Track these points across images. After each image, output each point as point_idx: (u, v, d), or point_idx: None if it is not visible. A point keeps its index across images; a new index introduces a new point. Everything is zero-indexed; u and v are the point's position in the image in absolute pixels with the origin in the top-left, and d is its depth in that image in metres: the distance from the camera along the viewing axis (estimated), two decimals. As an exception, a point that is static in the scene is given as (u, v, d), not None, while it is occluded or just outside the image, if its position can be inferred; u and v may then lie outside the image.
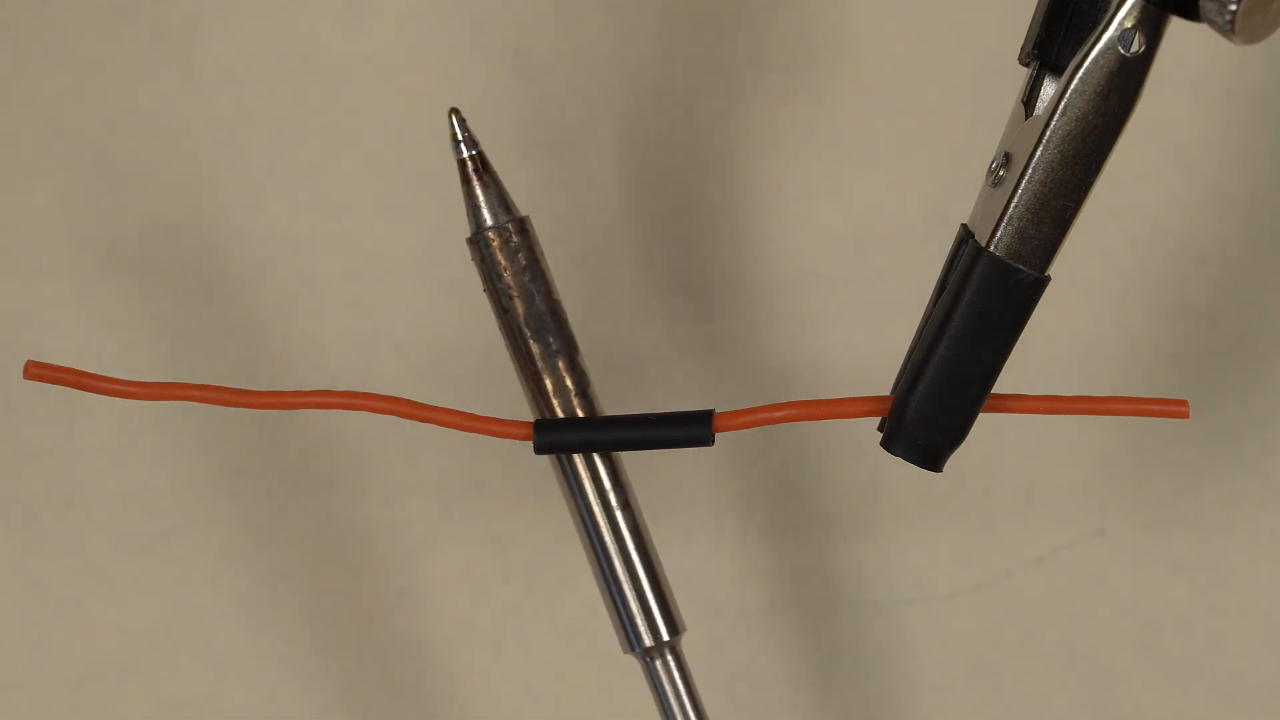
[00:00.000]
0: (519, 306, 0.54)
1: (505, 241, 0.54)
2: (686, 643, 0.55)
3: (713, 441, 0.53)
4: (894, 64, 0.66)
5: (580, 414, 0.54)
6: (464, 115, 0.54)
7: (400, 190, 0.66)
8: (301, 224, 0.66)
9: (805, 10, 0.66)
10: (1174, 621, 0.67)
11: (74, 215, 0.66)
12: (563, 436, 0.54)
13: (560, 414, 0.54)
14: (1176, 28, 0.48)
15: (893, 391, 0.52)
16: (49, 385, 0.53)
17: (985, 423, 0.51)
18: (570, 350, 0.55)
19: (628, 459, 0.55)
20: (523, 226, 0.55)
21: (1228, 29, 0.45)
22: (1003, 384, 0.51)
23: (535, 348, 0.54)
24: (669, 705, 0.55)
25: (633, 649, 0.55)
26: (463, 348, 0.66)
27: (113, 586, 0.67)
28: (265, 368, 0.66)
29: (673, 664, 0.55)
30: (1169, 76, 0.64)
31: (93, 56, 0.66)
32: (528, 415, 0.55)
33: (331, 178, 0.66)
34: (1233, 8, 0.45)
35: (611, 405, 0.57)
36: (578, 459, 0.54)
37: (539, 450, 0.54)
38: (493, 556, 0.67)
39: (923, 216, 0.66)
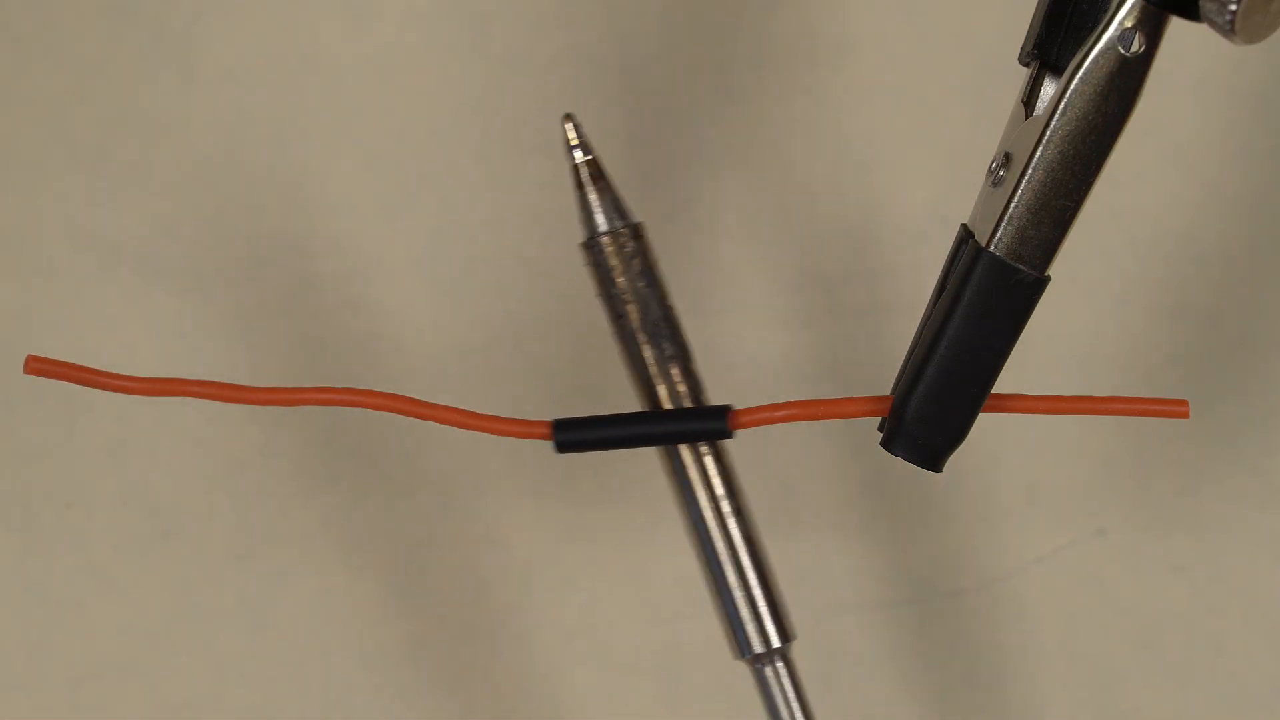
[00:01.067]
0: (633, 312, 0.54)
1: (620, 247, 0.54)
2: (686, 642, 0.55)
3: (733, 434, 0.53)
4: (894, 64, 0.66)
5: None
6: (578, 121, 0.54)
7: (400, 190, 0.66)
8: (301, 224, 0.66)
9: (805, 10, 0.66)
10: (1174, 621, 0.67)
11: (74, 215, 0.66)
12: (583, 434, 0.54)
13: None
14: (1176, 28, 0.48)
15: (893, 391, 0.52)
16: (49, 385, 0.53)
17: (985, 423, 0.51)
18: (684, 357, 0.54)
19: (641, 461, 0.55)
20: (638, 232, 0.54)
21: (1228, 29, 0.45)
22: (1003, 384, 0.51)
23: (649, 353, 0.54)
24: (778, 712, 0.54)
25: (742, 655, 0.54)
26: (463, 348, 0.66)
27: (113, 586, 0.67)
28: (265, 367, 0.66)
29: (783, 670, 0.54)
30: (1169, 76, 0.64)
31: (93, 56, 0.66)
32: (530, 414, 0.55)
33: (331, 178, 0.66)
34: (1233, 8, 0.45)
35: (614, 405, 0.57)
36: (690, 467, 0.54)
37: (561, 449, 0.53)
38: (493, 556, 0.67)
39: (923, 216, 0.66)
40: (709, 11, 0.66)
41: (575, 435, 0.53)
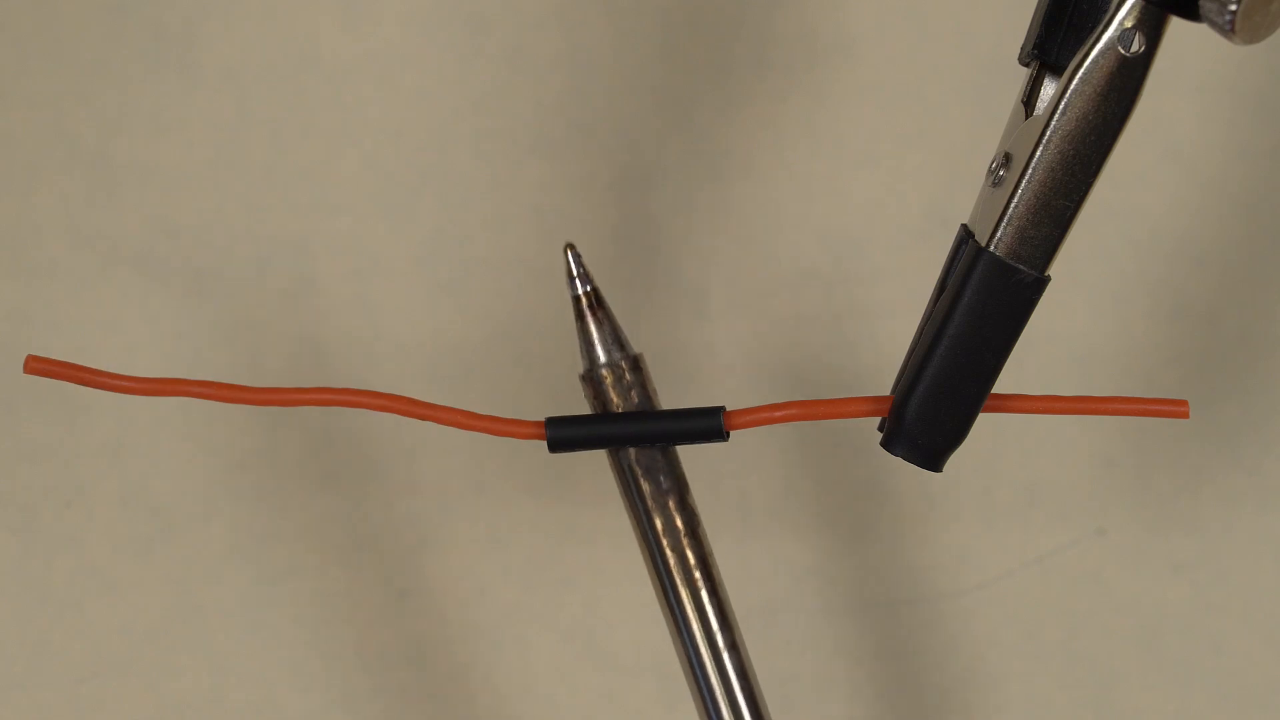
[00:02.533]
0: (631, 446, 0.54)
1: (618, 379, 0.54)
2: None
3: (728, 437, 0.53)
4: (894, 64, 0.66)
5: (691, 557, 0.54)
6: (579, 251, 0.54)
7: (400, 190, 0.66)
8: (301, 224, 0.66)
9: (805, 10, 0.66)
10: (1174, 621, 0.67)
11: (74, 215, 0.66)
12: (576, 432, 0.53)
13: (670, 556, 0.54)
14: (1176, 28, 0.48)
15: (893, 391, 0.52)
16: (49, 385, 0.53)
17: (985, 423, 0.51)
18: (681, 489, 0.54)
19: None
20: (636, 364, 0.54)
21: (1228, 29, 0.45)
22: (1003, 384, 0.51)
23: (646, 487, 0.54)
24: None
25: None
26: (463, 347, 0.66)
27: (113, 586, 0.67)
28: (265, 367, 0.66)
29: None
30: (1169, 77, 0.64)
31: (93, 56, 0.66)
32: (530, 414, 0.55)
33: (331, 178, 0.66)
34: (1233, 8, 0.45)
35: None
36: (686, 600, 0.54)
37: (554, 448, 0.53)
38: (493, 556, 0.67)
39: (923, 216, 0.66)
40: (709, 11, 0.66)
41: (568, 433, 0.53)
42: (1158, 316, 0.67)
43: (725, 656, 0.54)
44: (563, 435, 0.53)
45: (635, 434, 0.54)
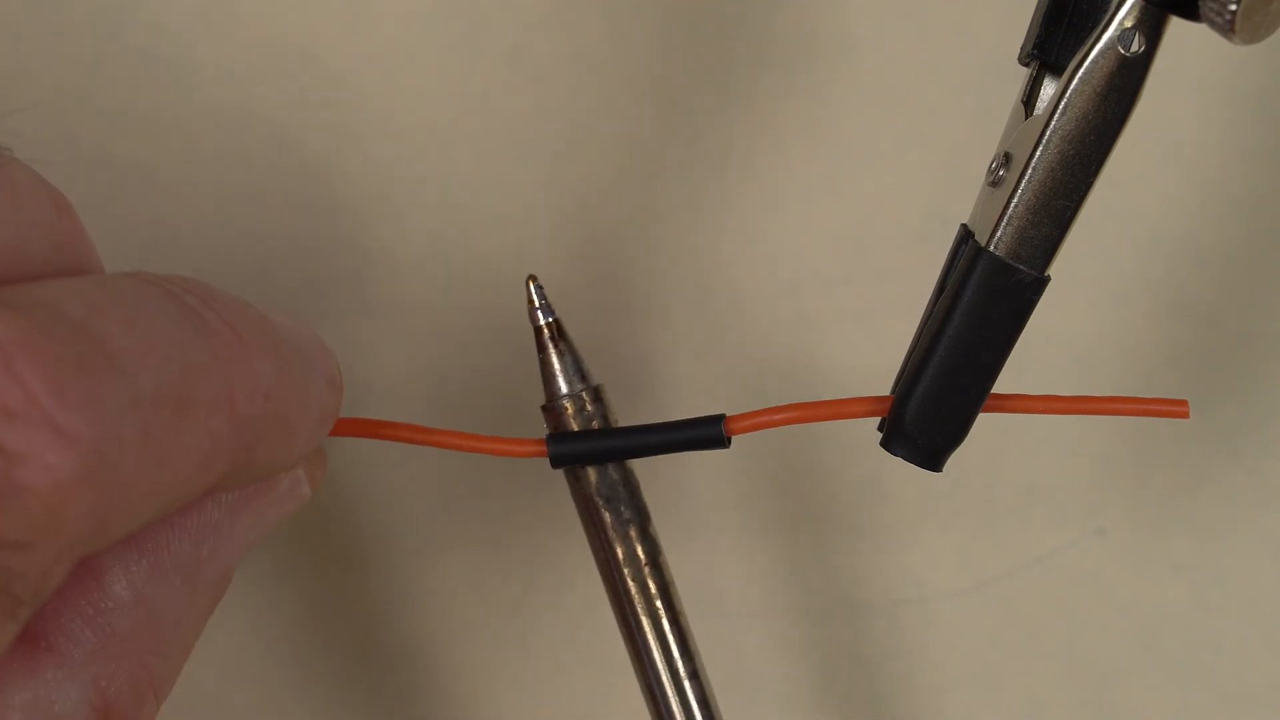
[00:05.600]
0: (591, 475, 0.54)
1: (579, 409, 0.54)
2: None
3: (729, 444, 0.53)
4: (894, 64, 0.66)
5: (652, 587, 0.54)
6: (541, 282, 0.54)
7: (400, 190, 0.66)
8: (302, 224, 0.66)
9: (805, 10, 0.66)
10: (1174, 621, 0.67)
11: (74, 215, 0.66)
12: (578, 448, 0.54)
13: (631, 585, 0.54)
14: (1176, 28, 0.48)
15: (893, 391, 0.52)
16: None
17: (985, 423, 0.51)
18: (642, 519, 0.54)
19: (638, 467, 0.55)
20: (597, 395, 0.54)
21: (1227, 29, 0.45)
22: (1003, 384, 0.51)
23: (607, 517, 0.54)
24: None
25: None
26: (463, 348, 0.66)
27: (113, 586, 0.67)
28: (265, 368, 0.66)
29: None
30: (1169, 76, 0.64)
31: (93, 56, 0.66)
32: (531, 420, 0.55)
33: (333, 176, 0.66)
34: (1233, 8, 0.45)
35: (614, 404, 0.57)
36: (647, 629, 0.54)
37: (556, 464, 0.53)
38: (493, 556, 0.67)
39: (923, 216, 0.66)
40: (709, 11, 0.66)
41: (569, 449, 0.53)
42: (1158, 316, 0.67)
43: (687, 685, 0.54)
44: (565, 451, 0.53)
45: (636, 446, 0.54)
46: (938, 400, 0.50)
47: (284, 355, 0.45)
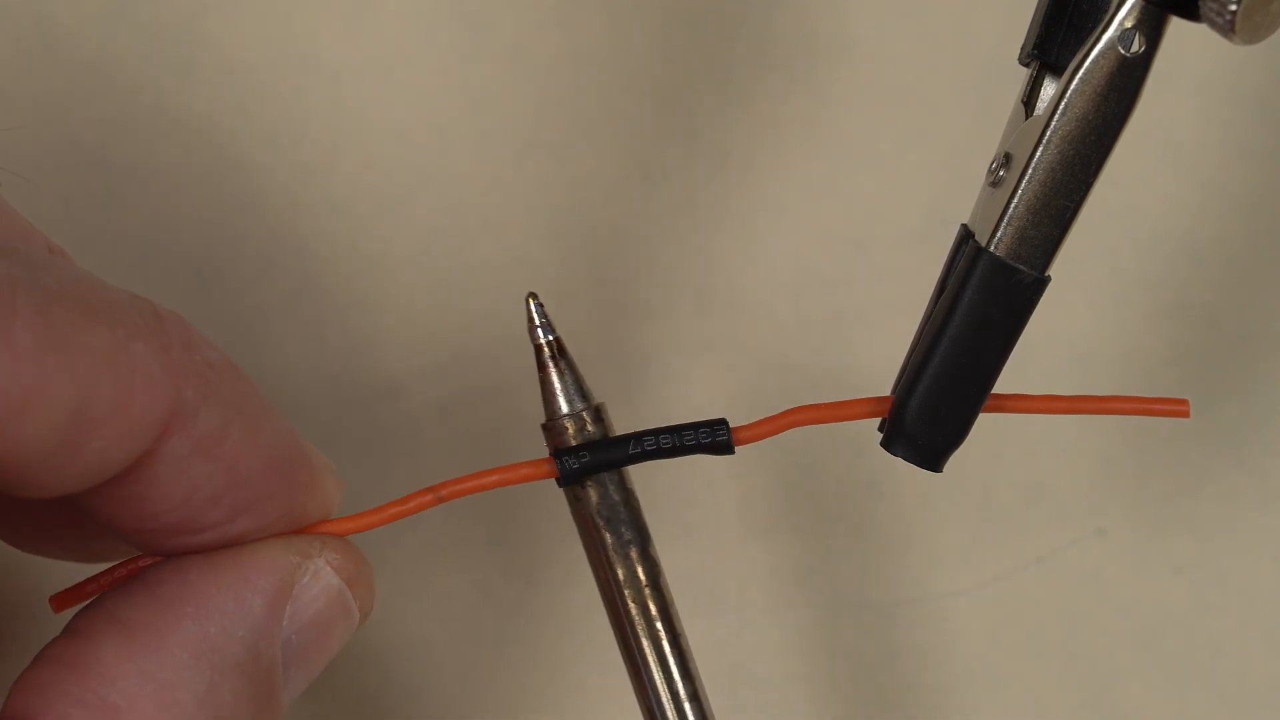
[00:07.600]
0: (592, 495, 0.54)
1: (580, 429, 0.53)
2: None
3: (734, 450, 0.53)
4: (894, 64, 0.66)
5: (652, 608, 0.54)
6: (541, 300, 0.54)
7: (400, 190, 0.66)
8: (302, 224, 0.66)
9: (805, 10, 0.66)
10: (1174, 621, 0.67)
11: (74, 215, 0.66)
12: (585, 461, 0.53)
13: (632, 607, 0.54)
14: (1176, 28, 0.48)
15: (893, 391, 0.52)
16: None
17: (985, 423, 0.51)
18: (643, 540, 0.54)
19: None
20: (598, 414, 0.54)
21: (1228, 29, 0.45)
22: (1003, 384, 0.51)
23: (608, 538, 0.54)
24: None
25: None
26: (463, 348, 0.66)
27: (113, 586, 0.67)
28: (265, 368, 0.66)
29: None
30: (1169, 76, 0.64)
31: (93, 56, 0.66)
32: (531, 420, 0.55)
33: (331, 178, 0.66)
34: (1233, 8, 0.45)
35: (613, 405, 0.57)
36: (648, 650, 0.54)
37: (566, 481, 0.53)
38: (493, 557, 0.67)
39: (923, 216, 0.66)
40: (709, 11, 0.66)
41: (577, 464, 0.53)
42: (1158, 316, 0.67)
43: (687, 707, 0.54)
44: (573, 468, 0.53)
45: (643, 455, 0.53)
46: (938, 400, 0.50)
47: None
